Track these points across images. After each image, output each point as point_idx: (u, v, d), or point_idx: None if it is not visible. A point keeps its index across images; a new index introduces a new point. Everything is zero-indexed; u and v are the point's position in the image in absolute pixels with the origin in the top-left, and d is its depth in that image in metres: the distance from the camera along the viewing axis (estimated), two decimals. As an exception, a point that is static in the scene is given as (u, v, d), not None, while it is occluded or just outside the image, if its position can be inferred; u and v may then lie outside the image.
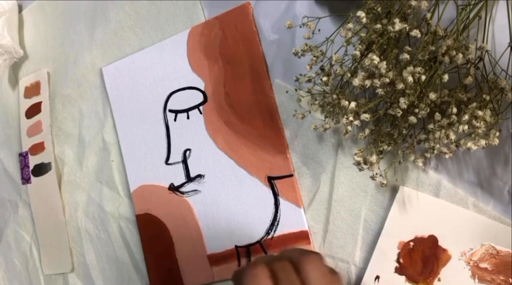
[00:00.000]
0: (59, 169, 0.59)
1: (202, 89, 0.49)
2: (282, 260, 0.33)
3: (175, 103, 0.51)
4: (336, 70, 0.37)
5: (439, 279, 0.39)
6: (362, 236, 0.42)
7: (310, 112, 0.42)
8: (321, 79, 0.39)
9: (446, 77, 0.33)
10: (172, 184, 0.51)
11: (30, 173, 0.60)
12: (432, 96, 0.33)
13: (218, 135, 0.48)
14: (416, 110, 0.34)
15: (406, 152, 0.38)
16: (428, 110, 0.34)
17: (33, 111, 0.61)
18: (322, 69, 0.39)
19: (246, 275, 0.32)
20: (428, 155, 0.37)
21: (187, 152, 0.50)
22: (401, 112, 0.34)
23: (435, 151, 0.36)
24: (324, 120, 0.41)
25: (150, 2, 0.52)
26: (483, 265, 0.38)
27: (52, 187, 0.59)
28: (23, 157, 0.61)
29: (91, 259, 0.57)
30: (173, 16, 0.51)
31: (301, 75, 0.40)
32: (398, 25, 0.33)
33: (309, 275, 0.32)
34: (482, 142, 0.33)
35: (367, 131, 0.38)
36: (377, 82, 0.34)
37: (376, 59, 0.33)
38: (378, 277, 0.41)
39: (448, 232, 0.39)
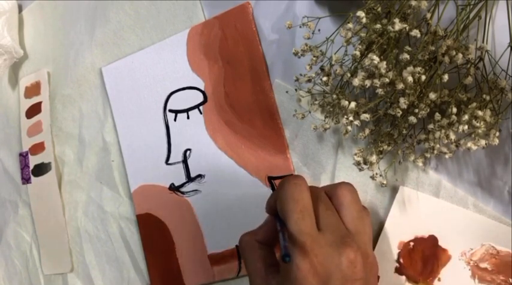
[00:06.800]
0: (59, 169, 0.59)
1: (202, 89, 0.49)
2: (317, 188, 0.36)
3: (175, 103, 0.51)
4: (336, 70, 0.37)
5: (439, 279, 0.39)
6: (362, 236, 0.42)
7: (310, 112, 0.42)
8: (321, 79, 0.39)
9: (446, 77, 0.33)
10: (172, 184, 0.51)
11: (30, 173, 0.60)
12: (432, 96, 0.33)
13: (218, 135, 0.48)
14: (416, 110, 0.34)
15: (406, 152, 0.38)
16: (428, 110, 0.34)
17: (34, 110, 0.61)
18: (322, 69, 0.39)
19: (290, 183, 0.33)
20: (428, 155, 0.37)
21: (188, 152, 0.50)
22: (401, 112, 0.34)
23: (435, 151, 0.36)
24: (324, 120, 0.40)
25: (150, 2, 0.52)
26: (483, 265, 0.38)
27: (52, 187, 0.59)
28: (23, 157, 0.61)
29: (91, 259, 0.57)
30: (173, 16, 0.51)
31: (301, 75, 0.40)
32: (398, 25, 0.33)
33: (342, 200, 0.35)
34: (482, 142, 0.33)
35: (367, 131, 0.38)
36: (377, 82, 0.34)
37: (376, 59, 0.33)
38: (378, 277, 0.41)
39: (448, 232, 0.39)
